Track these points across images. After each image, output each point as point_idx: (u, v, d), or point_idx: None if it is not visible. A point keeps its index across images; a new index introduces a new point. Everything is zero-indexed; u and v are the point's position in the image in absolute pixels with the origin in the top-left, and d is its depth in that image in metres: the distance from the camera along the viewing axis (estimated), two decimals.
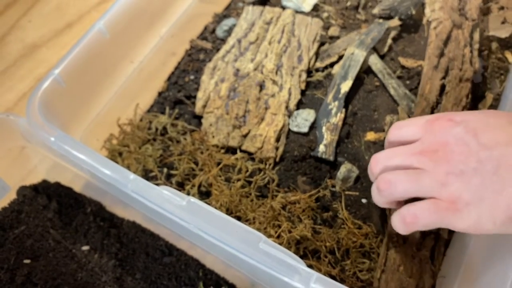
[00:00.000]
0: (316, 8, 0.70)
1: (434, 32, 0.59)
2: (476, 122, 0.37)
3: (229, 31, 0.68)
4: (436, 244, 0.47)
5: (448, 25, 0.57)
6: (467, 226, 0.36)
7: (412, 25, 0.67)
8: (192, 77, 0.65)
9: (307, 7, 0.69)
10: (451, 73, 0.56)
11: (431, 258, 0.46)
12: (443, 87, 0.56)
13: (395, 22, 0.65)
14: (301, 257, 0.49)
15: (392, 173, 0.40)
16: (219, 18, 0.72)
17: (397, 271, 0.45)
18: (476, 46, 0.59)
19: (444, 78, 0.56)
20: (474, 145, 0.36)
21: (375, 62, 0.62)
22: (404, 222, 0.39)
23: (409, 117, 0.56)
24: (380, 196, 0.41)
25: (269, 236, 0.49)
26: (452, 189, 0.36)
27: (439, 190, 0.37)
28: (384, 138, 0.54)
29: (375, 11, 0.68)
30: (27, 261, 0.49)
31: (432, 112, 0.55)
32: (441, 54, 0.57)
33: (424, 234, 0.47)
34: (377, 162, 0.41)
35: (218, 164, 0.56)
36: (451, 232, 0.49)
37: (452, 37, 0.57)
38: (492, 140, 0.36)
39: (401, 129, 0.42)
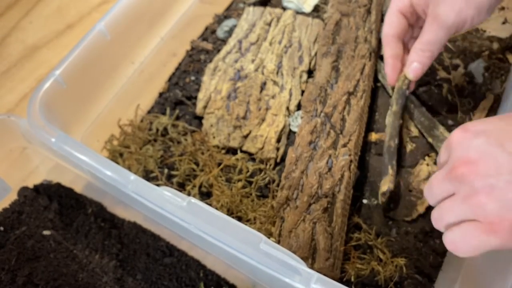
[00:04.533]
0: (316, 9, 0.70)
1: (324, 27, 0.63)
2: (498, 131, 0.34)
3: (230, 32, 0.68)
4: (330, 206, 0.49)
5: (336, 17, 0.62)
6: None
7: None
8: (192, 77, 0.65)
9: (308, 8, 0.69)
10: (344, 56, 0.59)
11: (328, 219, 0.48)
12: (338, 70, 0.59)
13: None
14: None
15: (437, 207, 0.37)
16: (220, 19, 0.72)
17: (288, 237, 0.47)
18: (374, 26, 0.62)
19: (336, 61, 0.59)
20: (503, 155, 0.33)
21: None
22: (450, 249, 0.36)
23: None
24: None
25: (270, 235, 0.49)
26: (488, 210, 0.33)
27: (474, 213, 0.34)
28: (385, 138, 0.54)
29: None
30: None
31: (320, 94, 0.56)
32: (333, 42, 0.60)
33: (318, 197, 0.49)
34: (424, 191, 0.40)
35: (219, 164, 0.56)
36: None
37: (342, 26, 0.61)
38: None
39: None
